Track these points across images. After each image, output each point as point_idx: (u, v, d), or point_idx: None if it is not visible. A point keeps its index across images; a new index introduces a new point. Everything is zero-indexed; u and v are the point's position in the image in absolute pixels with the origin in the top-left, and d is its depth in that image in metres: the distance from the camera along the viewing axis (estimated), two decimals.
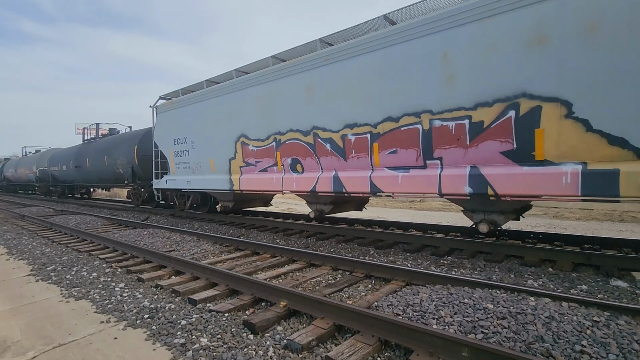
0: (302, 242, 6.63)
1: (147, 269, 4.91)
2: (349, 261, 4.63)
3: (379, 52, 5.32)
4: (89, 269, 4.95)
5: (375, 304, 3.26)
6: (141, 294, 3.88)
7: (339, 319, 2.85)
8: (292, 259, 5.19)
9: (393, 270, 4.16)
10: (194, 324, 3.01)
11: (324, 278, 4.37)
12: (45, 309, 3.55)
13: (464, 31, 4.49)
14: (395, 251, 5.71)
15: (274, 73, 6.94)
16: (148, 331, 2.94)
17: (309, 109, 6.35)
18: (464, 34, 4.49)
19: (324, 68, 6.04)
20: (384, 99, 5.31)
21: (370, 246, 6.05)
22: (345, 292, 3.79)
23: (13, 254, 6.11)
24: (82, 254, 5.92)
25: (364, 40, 5.50)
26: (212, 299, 3.66)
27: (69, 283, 4.32)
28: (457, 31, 4.54)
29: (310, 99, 6.29)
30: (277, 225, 8.26)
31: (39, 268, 5.07)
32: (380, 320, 2.64)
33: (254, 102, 7.40)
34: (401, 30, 5.07)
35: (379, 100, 5.36)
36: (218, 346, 2.64)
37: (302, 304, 3.17)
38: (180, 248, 6.09)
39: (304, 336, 2.65)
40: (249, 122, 7.56)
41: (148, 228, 8.18)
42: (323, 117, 6.14)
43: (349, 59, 5.70)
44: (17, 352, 2.68)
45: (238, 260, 5.36)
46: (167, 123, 10.06)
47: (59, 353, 2.65)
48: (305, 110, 6.40)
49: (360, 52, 5.55)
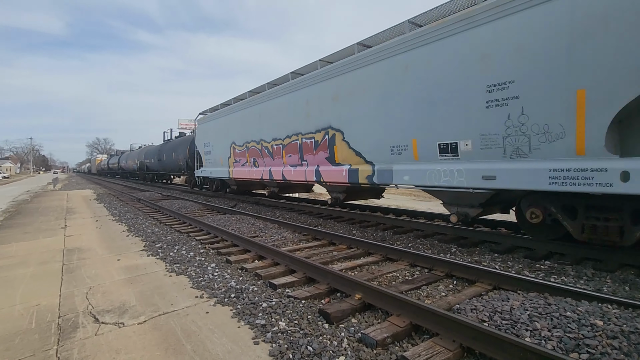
0: (378, 234, 6.53)
1: (234, 252, 5.37)
2: (428, 258, 4.41)
3: (280, 98, 9.21)
4: (187, 248, 5.61)
5: (457, 306, 3.04)
6: (229, 274, 4.26)
7: (417, 318, 2.73)
8: (368, 252, 5.15)
9: (478, 271, 3.83)
10: (273, 308, 3.19)
11: (400, 274, 4.23)
12: (154, 280, 4.13)
13: (314, 88, 7.89)
14: (481, 251, 5.25)
15: (247, 102, 10.86)
16: (234, 309, 3.22)
17: (257, 128, 10.29)
18: (314, 90, 7.90)
19: (260, 105, 10.15)
20: (286, 125, 8.94)
21: (452, 243, 5.67)
22: (424, 291, 3.62)
23: (131, 231, 7.26)
24: (182, 235, 6.74)
25: (275, 93, 9.40)
26: (291, 285, 3.83)
27: (172, 260, 4.96)
28: (313, 88, 7.92)
29: (259, 122, 10.19)
30: (353, 217, 8.28)
31: (150, 245, 5.93)
32: (463, 325, 2.45)
33: (238, 121, 11.40)
34: (284, 88, 8.99)
35: (284, 125, 9.01)
36: (295, 331, 2.75)
37: (377, 298, 3.12)
38: (263, 234, 6.51)
39: (378, 332, 2.60)
40: (235, 134, 11.64)
41: (235, 214, 8.94)
42: (263, 134, 9.99)
43: (271, 100, 9.62)
44: (132, 315, 3.18)
45: (315, 249, 5.52)
46: (200, 132, 14.93)
47: (163, 320, 3.06)
48: (255, 129, 10.39)
49: (273, 97, 9.49)
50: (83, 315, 3.17)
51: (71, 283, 4.09)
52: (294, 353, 2.43)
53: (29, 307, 3.40)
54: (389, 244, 5.52)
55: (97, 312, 3.23)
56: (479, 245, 5.57)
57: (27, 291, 3.86)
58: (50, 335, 2.83)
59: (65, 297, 3.64)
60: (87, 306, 3.39)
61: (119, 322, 3.03)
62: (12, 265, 4.97)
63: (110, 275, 4.37)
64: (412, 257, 4.57)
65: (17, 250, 5.93)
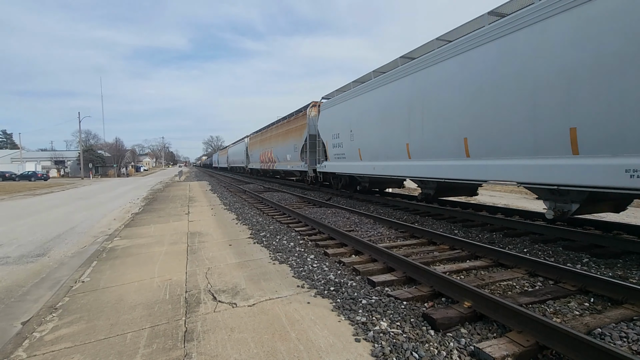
0: (484, 236, 5.89)
1: (331, 245, 5.46)
2: (552, 267, 3.76)
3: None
4: (288, 238, 5.92)
5: (599, 330, 2.50)
6: (327, 267, 4.33)
7: (545, 339, 2.32)
8: (475, 255, 4.66)
9: (626, 289, 3.10)
10: (373, 306, 3.11)
11: (517, 283, 3.71)
12: (260, 266, 4.45)
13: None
14: (626, 263, 4.28)
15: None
16: (333, 302, 3.24)
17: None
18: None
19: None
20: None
21: (583, 252, 4.76)
22: (550, 306, 3.09)
23: (239, 220, 8.02)
24: (283, 225, 7.16)
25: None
26: (390, 284, 3.69)
27: (275, 248, 5.28)
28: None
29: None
30: (454, 215, 7.65)
31: (255, 233, 6.45)
32: (612, 356, 1.98)
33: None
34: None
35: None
36: (398, 334, 2.62)
37: (492, 309, 2.77)
38: (359, 229, 6.48)
39: (496, 348, 2.30)
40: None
41: (331, 207, 9.12)
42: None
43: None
44: (243, 297, 3.46)
45: (414, 247, 5.24)
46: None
47: (269, 305, 3.25)
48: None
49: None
50: (204, 293, 3.59)
51: (194, 263, 4.69)
52: (398, 358, 2.30)
53: (164, 280, 4.01)
54: (499, 247, 4.92)
55: (214, 291, 3.62)
56: (621, 257, 4.55)
57: (162, 267, 4.57)
58: (179, 307, 3.26)
59: (190, 275, 4.18)
60: (207, 285, 3.82)
61: (233, 302, 3.34)
62: (151, 243, 5.97)
63: (224, 258, 4.88)
64: (531, 265, 3.96)
65: (154, 231, 7.11)
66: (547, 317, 2.81)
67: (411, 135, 7.59)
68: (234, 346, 2.53)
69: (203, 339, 2.65)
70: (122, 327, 2.91)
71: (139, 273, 4.35)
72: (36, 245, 7.21)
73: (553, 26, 4.55)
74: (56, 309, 3.36)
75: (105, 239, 6.99)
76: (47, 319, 3.14)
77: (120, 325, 2.93)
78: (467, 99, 5.99)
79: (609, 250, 4.75)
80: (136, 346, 2.58)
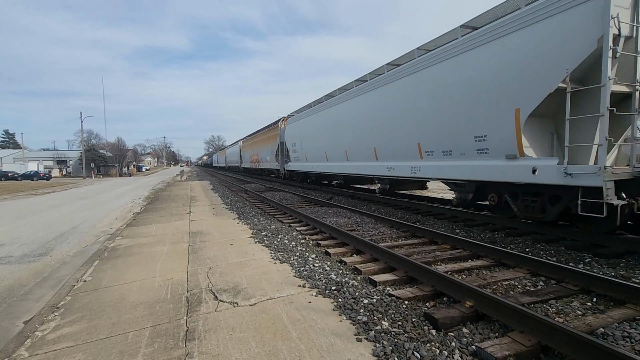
0: (486, 235, 5.87)
1: (332, 244, 5.46)
2: (555, 267, 3.75)
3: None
4: (289, 238, 5.92)
5: (602, 330, 2.49)
6: (328, 266, 4.33)
7: (547, 338, 2.31)
8: (477, 254, 4.65)
9: (629, 289, 3.09)
10: (375, 305, 3.10)
11: (519, 282, 3.70)
12: (261, 266, 4.45)
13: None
14: (629, 263, 4.26)
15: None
16: (335, 302, 3.23)
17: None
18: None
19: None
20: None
21: (585, 252, 4.74)
22: (552, 306, 3.07)
23: (241, 219, 8.03)
24: (284, 225, 7.16)
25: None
26: (391, 283, 3.69)
27: (276, 248, 5.28)
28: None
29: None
30: (456, 215, 7.64)
31: (256, 232, 6.45)
32: (616, 357, 1.97)
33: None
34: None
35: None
36: (399, 333, 2.61)
37: (493, 309, 2.76)
38: (360, 228, 6.47)
39: (497, 348, 2.29)
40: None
41: (332, 207, 9.12)
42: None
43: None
44: (244, 296, 3.46)
45: (415, 247, 5.23)
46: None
47: (271, 304, 3.25)
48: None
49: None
50: (205, 292, 3.59)
51: (195, 262, 4.69)
52: (400, 357, 2.30)
53: (165, 280, 4.01)
54: (501, 246, 4.90)
55: (216, 291, 3.62)
56: (624, 257, 4.53)
57: (164, 266, 4.57)
58: (181, 306, 3.26)
59: (191, 274, 4.18)
60: (208, 284, 3.82)
61: (234, 301, 3.33)
62: (153, 242, 5.97)
63: (225, 257, 4.88)
64: (534, 264, 3.95)
65: (156, 230, 7.12)
66: (549, 316, 2.80)
67: (337, 144, 11.69)
68: (236, 345, 2.53)
69: (204, 339, 2.65)
70: (124, 326, 2.91)
71: (141, 272, 4.36)
72: (38, 244, 7.23)
73: (406, 82, 7.69)
74: (58, 308, 3.37)
75: (107, 238, 7.02)
76: (49, 318, 3.14)
77: (122, 325, 2.94)
78: (373, 123, 9.27)
79: (612, 250, 4.73)
80: (137, 345, 2.59)
